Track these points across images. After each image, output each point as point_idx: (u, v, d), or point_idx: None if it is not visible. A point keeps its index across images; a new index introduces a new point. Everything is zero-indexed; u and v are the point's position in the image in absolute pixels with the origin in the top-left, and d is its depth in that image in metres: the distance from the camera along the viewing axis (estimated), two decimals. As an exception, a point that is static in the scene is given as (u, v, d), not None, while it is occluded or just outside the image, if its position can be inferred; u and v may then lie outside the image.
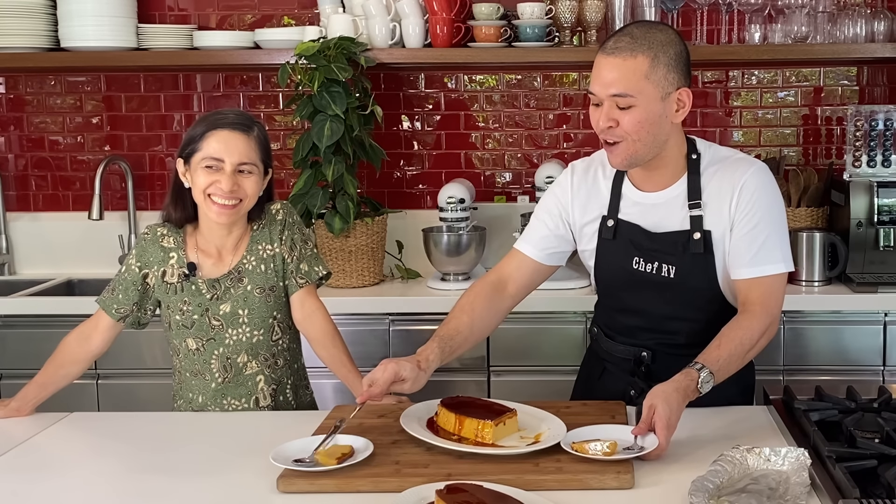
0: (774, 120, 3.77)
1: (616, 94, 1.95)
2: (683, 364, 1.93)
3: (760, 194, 2.02)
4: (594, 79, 1.99)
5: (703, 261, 2.03)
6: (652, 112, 1.96)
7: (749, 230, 2.01)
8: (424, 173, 3.84)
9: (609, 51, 1.97)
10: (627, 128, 1.96)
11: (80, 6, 3.46)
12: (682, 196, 2.06)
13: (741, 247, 2.02)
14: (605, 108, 1.97)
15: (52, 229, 3.87)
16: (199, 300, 2.24)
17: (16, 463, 1.96)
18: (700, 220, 2.03)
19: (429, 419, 1.99)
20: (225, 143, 2.17)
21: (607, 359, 2.25)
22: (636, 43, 1.95)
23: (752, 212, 2.01)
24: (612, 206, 2.13)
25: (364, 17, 3.47)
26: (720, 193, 2.03)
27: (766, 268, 2.02)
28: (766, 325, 2.00)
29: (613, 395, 2.17)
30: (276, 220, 2.30)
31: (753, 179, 2.02)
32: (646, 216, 2.09)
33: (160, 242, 2.28)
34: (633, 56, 1.94)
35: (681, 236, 2.05)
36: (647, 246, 2.07)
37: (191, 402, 2.30)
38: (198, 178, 2.18)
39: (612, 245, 2.12)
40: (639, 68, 1.94)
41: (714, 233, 2.03)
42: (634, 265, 2.09)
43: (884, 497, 1.57)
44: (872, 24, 3.43)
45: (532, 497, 1.64)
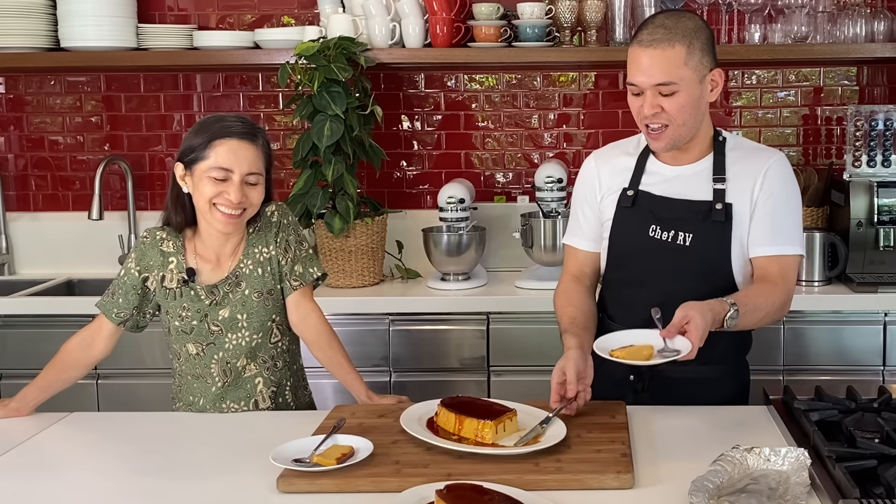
0: (774, 120, 3.77)
1: (660, 83, 2.06)
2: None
3: (784, 181, 2.15)
4: (634, 70, 2.09)
5: (720, 230, 2.12)
6: (693, 95, 2.08)
7: (771, 211, 2.12)
8: (424, 173, 3.84)
9: (647, 43, 2.07)
10: (672, 112, 2.08)
11: (80, 6, 3.46)
12: (707, 171, 2.17)
13: (763, 226, 2.12)
14: (648, 96, 2.08)
15: (52, 229, 3.87)
16: (198, 306, 2.24)
17: (16, 463, 1.96)
18: (723, 193, 2.13)
19: (428, 419, 1.99)
20: (234, 154, 2.14)
21: None
22: (671, 33, 2.06)
23: (776, 195, 2.13)
24: (633, 180, 2.23)
25: (364, 17, 3.47)
26: (745, 173, 2.15)
27: (785, 248, 2.12)
28: (785, 299, 2.10)
29: (614, 382, 2.19)
30: (270, 222, 2.29)
31: (778, 166, 2.16)
32: (668, 186, 2.19)
33: (160, 246, 2.27)
34: (671, 46, 2.05)
35: (702, 206, 2.14)
36: (665, 214, 2.16)
37: (191, 404, 2.29)
38: (203, 188, 2.16)
39: (630, 213, 2.21)
40: (678, 57, 2.05)
41: (735, 206, 2.13)
42: (651, 233, 2.17)
43: (884, 497, 1.57)
44: (872, 24, 3.43)
45: (532, 497, 1.64)
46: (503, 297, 3.28)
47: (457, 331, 3.27)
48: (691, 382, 2.17)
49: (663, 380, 2.18)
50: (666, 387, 2.18)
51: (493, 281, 3.50)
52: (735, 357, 2.25)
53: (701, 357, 1.93)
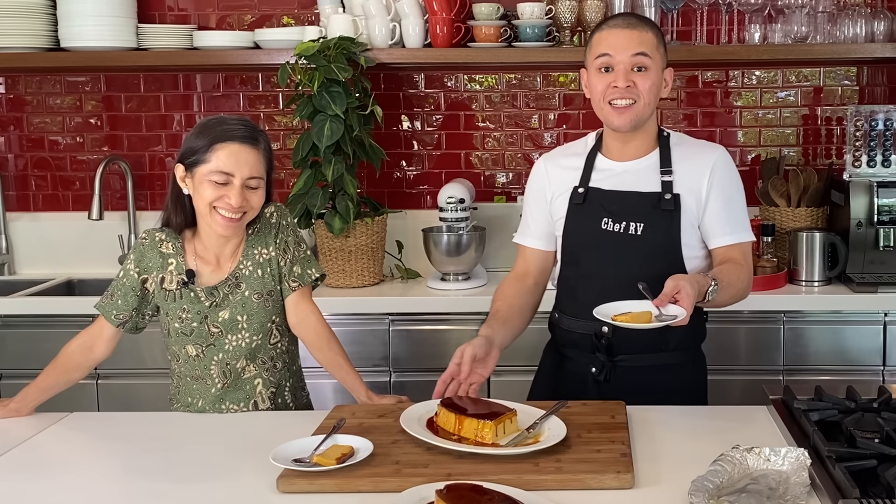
0: (774, 120, 3.77)
1: (638, 52, 2.18)
2: (642, 335, 2.12)
3: (732, 174, 2.28)
4: (609, 46, 2.20)
5: (670, 218, 2.21)
6: (658, 79, 2.22)
7: (725, 204, 2.24)
8: (424, 173, 3.85)
9: (623, 25, 2.21)
10: (642, 89, 2.19)
11: (80, 6, 3.46)
12: (654, 165, 2.27)
13: (720, 218, 2.23)
14: (621, 71, 2.18)
15: (52, 229, 3.87)
16: (198, 308, 2.24)
17: (16, 463, 1.96)
18: (671, 185, 2.23)
19: (428, 419, 1.99)
20: (235, 158, 2.14)
21: (566, 345, 2.34)
22: (644, 22, 2.24)
23: (726, 187, 2.25)
24: (584, 177, 2.31)
25: (364, 17, 3.47)
26: (691, 167, 2.25)
27: (741, 235, 2.26)
28: (748, 279, 2.23)
29: (575, 379, 2.28)
30: (270, 223, 2.29)
31: (724, 160, 2.28)
32: (617, 181, 2.28)
33: (159, 248, 2.26)
34: (645, 30, 2.21)
35: (652, 196, 2.23)
36: (616, 207, 2.25)
37: (189, 405, 2.29)
38: (204, 191, 2.15)
39: (582, 208, 2.29)
40: (651, 39, 2.21)
41: (683, 196, 2.22)
42: (603, 225, 2.25)
43: (884, 497, 1.57)
44: (872, 24, 3.43)
45: (532, 497, 1.64)
46: (503, 297, 3.27)
47: (457, 331, 3.27)
48: (651, 370, 2.24)
49: (624, 369, 2.24)
50: (627, 376, 2.24)
51: (493, 281, 3.49)
52: (692, 345, 2.32)
53: (658, 345, 2.19)
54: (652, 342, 2.21)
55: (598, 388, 2.25)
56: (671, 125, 3.76)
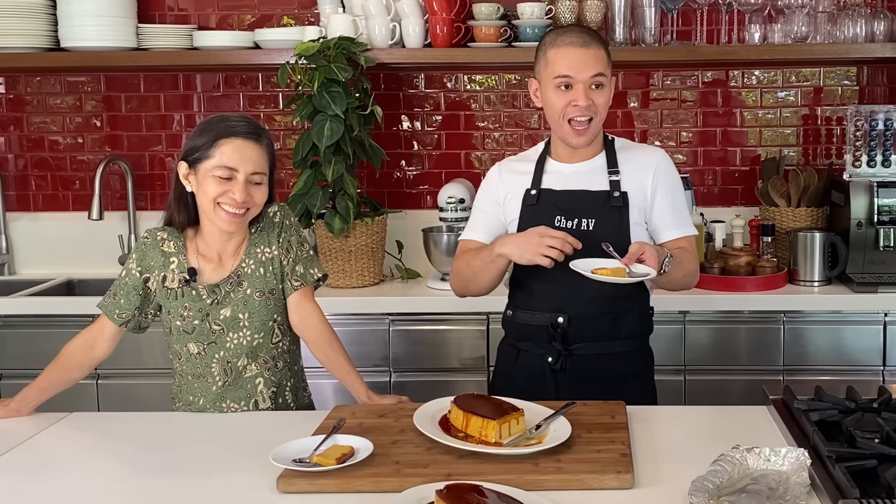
0: (774, 120, 3.77)
1: (597, 73, 2.31)
2: (596, 325, 2.32)
3: (674, 174, 2.43)
4: (569, 66, 2.31)
5: (619, 214, 2.34)
6: (610, 92, 2.36)
7: (671, 201, 2.39)
8: (424, 173, 3.85)
9: (579, 43, 2.32)
10: (599, 106, 2.33)
11: (80, 6, 3.46)
12: (602, 166, 2.40)
13: (667, 215, 2.38)
14: (580, 90, 2.30)
15: (52, 229, 3.87)
16: (200, 305, 2.24)
17: (16, 463, 1.96)
18: (618, 183, 2.37)
19: (443, 416, 2.00)
20: (240, 153, 2.15)
21: (522, 338, 2.42)
22: (595, 39, 2.35)
23: (670, 186, 2.40)
24: (535, 180, 2.43)
25: (364, 17, 3.47)
26: (636, 167, 2.39)
27: (687, 229, 2.42)
28: (695, 267, 2.41)
29: (532, 370, 2.37)
30: (273, 222, 2.30)
31: (666, 161, 2.42)
32: (568, 181, 2.40)
33: (161, 247, 2.27)
34: (599, 48, 2.34)
35: (601, 195, 2.36)
36: (568, 205, 2.36)
37: (191, 404, 2.29)
38: (207, 186, 2.16)
39: (535, 209, 2.39)
40: (604, 56, 2.34)
41: (630, 194, 2.36)
42: (556, 223, 2.34)
43: (884, 497, 1.57)
44: (872, 24, 3.43)
45: (532, 497, 1.64)
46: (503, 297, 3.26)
47: (457, 331, 3.27)
48: (605, 357, 2.35)
49: (579, 357, 2.34)
50: (582, 364, 2.34)
51: (493, 281, 3.49)
52: (641, 334, 2.43)
53: (610, 334, 2.34)
54: (605, 331, 2.34)
55: (555, 377, 2.35)
56: (671, 125, 3.76)
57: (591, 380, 2.31)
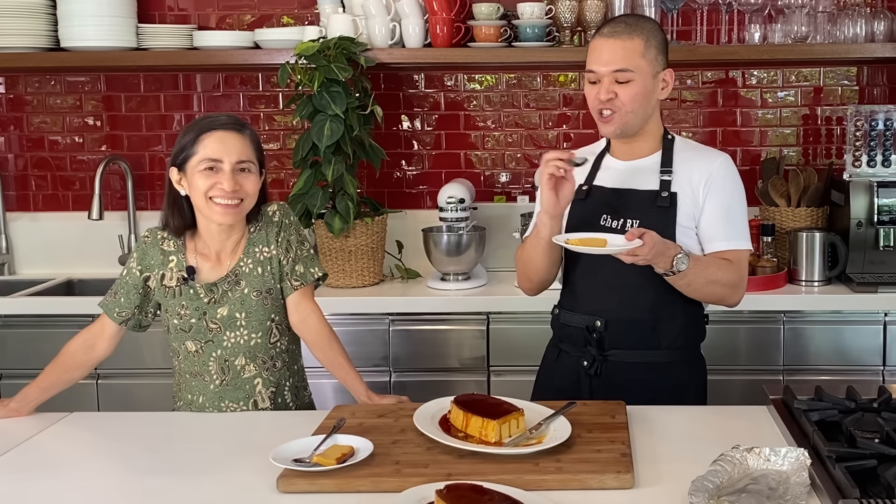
0: (774, 120, 3.77)
1: (617, 69, 2.21)
2: (633, 332, 2.25)
3: (732, 182, 2.31)
4: (594, 59, 2.25)
5: (665, 215, 2.26)
6: (645, 87, 2.24)
7: (724, 210, 2.27)
8: (424, 173, 3.85)
9: (608, 34, 2.25)
10: (624, 99, 2.23)
11: (80, 6, 3.46)
12: (656, 165, 2.31)
13: (717, 224, 2.27)
14: (604, 83, 2.23)
15: (52, 229, 3.87)
16: (197, 304, 2.24)
17: (16, 463, 1.96)
18: (669, 184, 2.28)
19: (443, 416, 2.00)
20: (222, 143, 2.17)
21: (563, 339, 2.39)
22: (631, 28, 2.24)
23: (726, 194, 2.28)
24: (590, 176, 2.38)
25: (364, 17, 3.47)
26: (692, 169, 2.29)
27: (738, 242, 2.28)
28: (737, 280, 2.27)
29: (569, 372, 2.34)
30: (272, 221, 2.30)
31: (726, 166, 2.31)
32: (620, 179, 2.33)
33: (160, 245, 2.27)
34: (630, 38, 2.22)
35: (650, 194, 2.28)
36: (615, 203, 2.30)
37: (190, 403, 2.30)
38: (197, 182, 2.17)
39: (584, 205, 2.34)
40: (636, 48, 2.22)
41: (680, 196, 2.27)
42: (602, 221, 2.30)
43: (884, 497, 1.57)
44: (872, 24, 3.43)
45: (532, 497, 1.64)
46: (503, 297, 3.28)
47: (457, 331, 3.27)
48: (642, 367, 2.27)
49: (615, 364, 2.28)
50: (618, 371, 2.27)
51: (493, 281, 3.50)
52: (685, 345, 2.32)
53: (649, 342, 2.25)
54: (643, 339, 2.26)
55: (590, 383, 2.30)
56: (671, 125, 3.76)
57: (628, 389, 2.20)
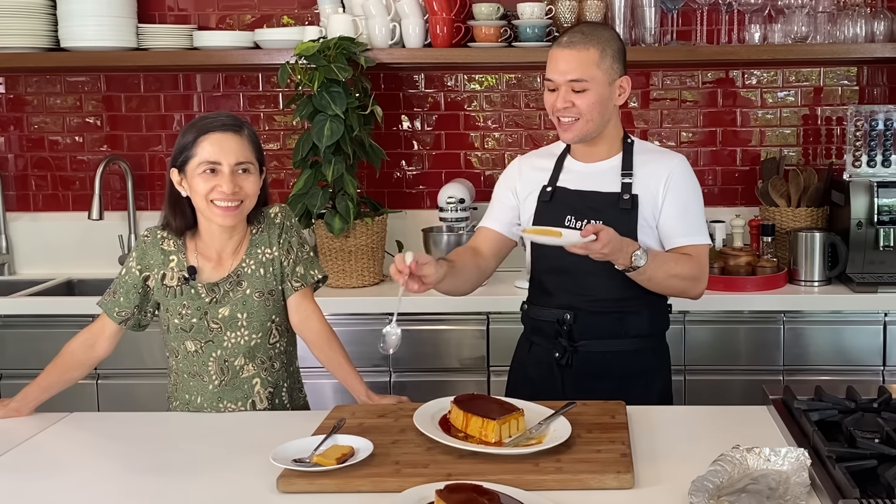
0: (774, 120, 3.77)
1: (573, 79, 2.31)
2: (601, 323, 2.35)
3: (689, 181, 2.40)
4: (551, 68, 2.35)
5: (627, 217, 2.34)
6: (602, 95, 2.32)
7: (682, 207, 2.37)
8: (424, 173, 3.85)
9: (565, 45, 2.33)
10: (582, 108, 2.32)
11: (80, 6, 3.46)
12: (617, 168, 2.40)
13: (675, 222, 2.36)
14: (561, 91, 2.32)
15: (52, 229, 3.87)
16: (198, 304, 2.24)
17: (16, 463, 1.96)
18: (630, 186, 2.37)
19: (443, 416, 2.00)
20: (219, 146, 2.17)
21: (534, 332, 2.47)
22: (588, 38, 2.32)
23: (684, 192, 2.38)
24: (552, 177, 2.46)
25: (364, 17, 3.47)
26: (651, 171, 2.38)
27: (696, 237, 2.37)
28: (696, 273, 2.33)
29: (541, 365, 2.42)
30: (274, 223, 2.30)
31: (683, 166, 2.40)
32: (582, 181, 2.41)
33: (160, 245, 2.27)
34: (586, 49, 2.31)
35: (612, 196, 2.37)
36: (579, 205, 2.38)
37: (188, 403, 2.29)
38: (197, 185, 2.17)
39: (548, 206, 2.42)
40: (591, 58, 2.31)
41: (641, 197, 2.36)
42: (566, 222, 2.37)
43: (884, 497, 1.57)
44: (872, 24, 3.43)
45: (532, 497, 1.64)
46: (503, 297, 3.28)
47: (457, 331, 3.27)
48: (610, 355, 2.36)
49: (585, 354, 2.37)
50: (588, 360, 2.36)
51: (493, 281, 3.49)
52: (649, 333, 2.42)
53: (617, 332, 2.35)
54: (611, 329, 2.36)
55: (562, 373, 2.39)
56: (671, 125, 3.76)
57: (597, 377, 2.34)
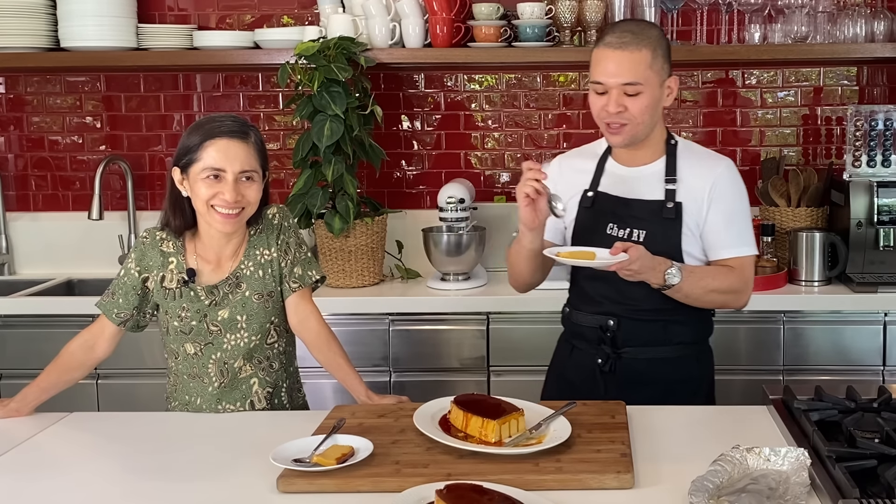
0: (774, 120, 3.77)
1: (626, 82, 2.20)
2: (645, 330, 2.29)
3: (735, 187, 2.31)
4: (601, 71, 2.23)
5: (671, 226, 2.27)
6: (653, 97, 2.24)
7: (728, 217, 2.28)
8: (424, 173, 3.85)
9: (616, 45, 2.22)
10: (634, 112, 2.22)
11: (80, 6, 3.46)
12: (660, 172, 2.32)
13: (720, 231, 2.28)
14: (613, 95, 2.22)
15: (52, 229, 3.87)
16: (198, 306, 2.24)
17: (16, 463, 1.96)
18: (674, 193, 2.28)
19: (443, 416, 2.00)
20: (224, 153, 2.15)
21: (575, 336, 2.42)
22: (639, 38, 2.22)
23: (730, 201, 2.29)
24: (594, 181, 2.38)
25: (364, 17, 3.47)
26: (696, 176, 2.29)
27: (742, 249, 2.29)
28: (739, 286, 2.28)
29: (583, 370, 2.37)
30: (272, 224, 2.30)
31: (728, 173, 2.31)
32: (624, 187, 2.34)
33: (160, 247, 2.27)
34: (638, 49, 2.21)
35: (655, 204, 2.29)
36: (622, 212, 2.31)
37: (187, 404, 2.29)
38: (199, 189, 2.16)
39: (590, 213, 2.35)
40: (644, 60, 2.21)
41: (685, 205, 2.28)
42: (608, 230, 2.31)
43: (884, 497, 1.57)
44: (872, 24, 3.43)
45: (532, 497, 1.64)
46: (503, 297, 3.28)
47: (457, 331, 3.27)
48: (654, 362, 2.31)
49: (628, 361, 2.32)
50: (631, 367, 2.32)
51: (493, 281, 3.50)
52: (693, 340, 2.37)
53: (661, 339, 2.29)
54: (655, 336, 2.30)
55: (605, 379, 2.33)
56: (670, 125, 3.76)
57: (641, 384, 2.29)
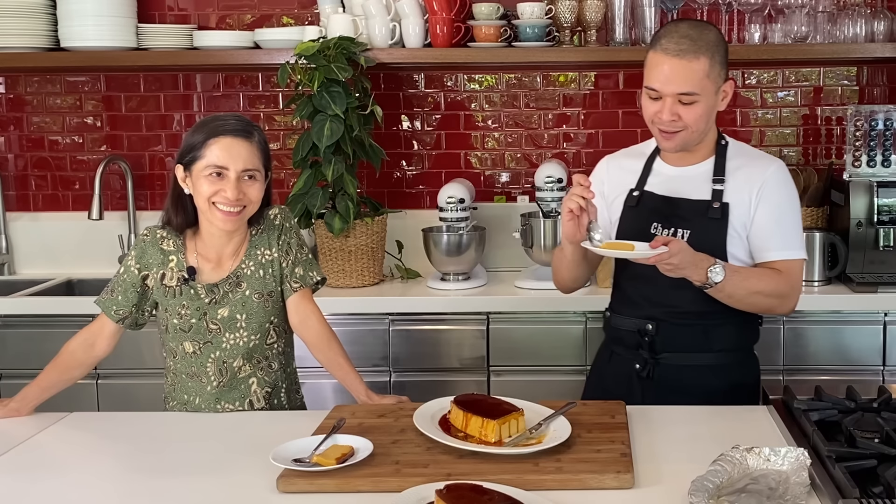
0: (774, 120, 3.77)
1: (683, 92, 2.15)
2: (685, 335, 2.23)
3: (785, 189, 2.26)
4: (655, 77, 2.17)
5: (716, 227, 2.22)
6: (709, 105, 2.20)
7: (776, 219, 2.22)
8: (424, 173, 3.84)
9: (673, 52, 2.15)
10: (689, 120, 2.18)
11: (80, 6, 3.46)
12: (708, 172, 2.27)
13: (769, 234, 2.22)
14: (668, 103, 2.17)
15: (52, 229, 3.87)
16: (198, 304, 2.24)
17: (16, 463, 1.96)
18: (721, 193, 2.23)
19: (443, 416, 2.00)
20: (228, 151, 2.16)
21: (615, 342, 2.38)
22: (697, 45, 2.15)
23: (779, 203, 2.23)
24: (640, 180, 2.33)
25: (364, 17, 3.47)
26: (745, 177, 2.24)
27: (790, 252, 2.23)
28: (785, 290, 2.21)
29: (621, 375, 2.32)
30: (273, 224, 2.30)
31: (780, 173, 2.26)
32: (671, 186, 2.29)
33: (160, 245, 2.27)
34: (696, 58, 2.15)
35: (701, 204, 2.24)
36: (667, 212, 2.26)
37: (186, 403, 2.29)
38: (201, 187, 2.17)
39: (635, 212, 2.31)
40: (702, 69, 2.15)
41: (732, 206, 2.22)
42: (653, 230, 2.26)
43: (884, 497, 1.57)
44: (872, 24, 3.43)
45: (532, 497, 1.64)
46: (503, 297, 3.28)
47: (457, 331, 3.27)
48: (694, 369, 2.26)
49: (667, 367, 2.27)
50: (670, 374, 2.27)
51: (493, 281, 3.50)
52: (737, 348, 2.32)
53: (701, 345, 2.23)
54: (695, 342, 2.26)
55: (643, 385, 2.29)
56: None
57: (680, 392, 2.23)
